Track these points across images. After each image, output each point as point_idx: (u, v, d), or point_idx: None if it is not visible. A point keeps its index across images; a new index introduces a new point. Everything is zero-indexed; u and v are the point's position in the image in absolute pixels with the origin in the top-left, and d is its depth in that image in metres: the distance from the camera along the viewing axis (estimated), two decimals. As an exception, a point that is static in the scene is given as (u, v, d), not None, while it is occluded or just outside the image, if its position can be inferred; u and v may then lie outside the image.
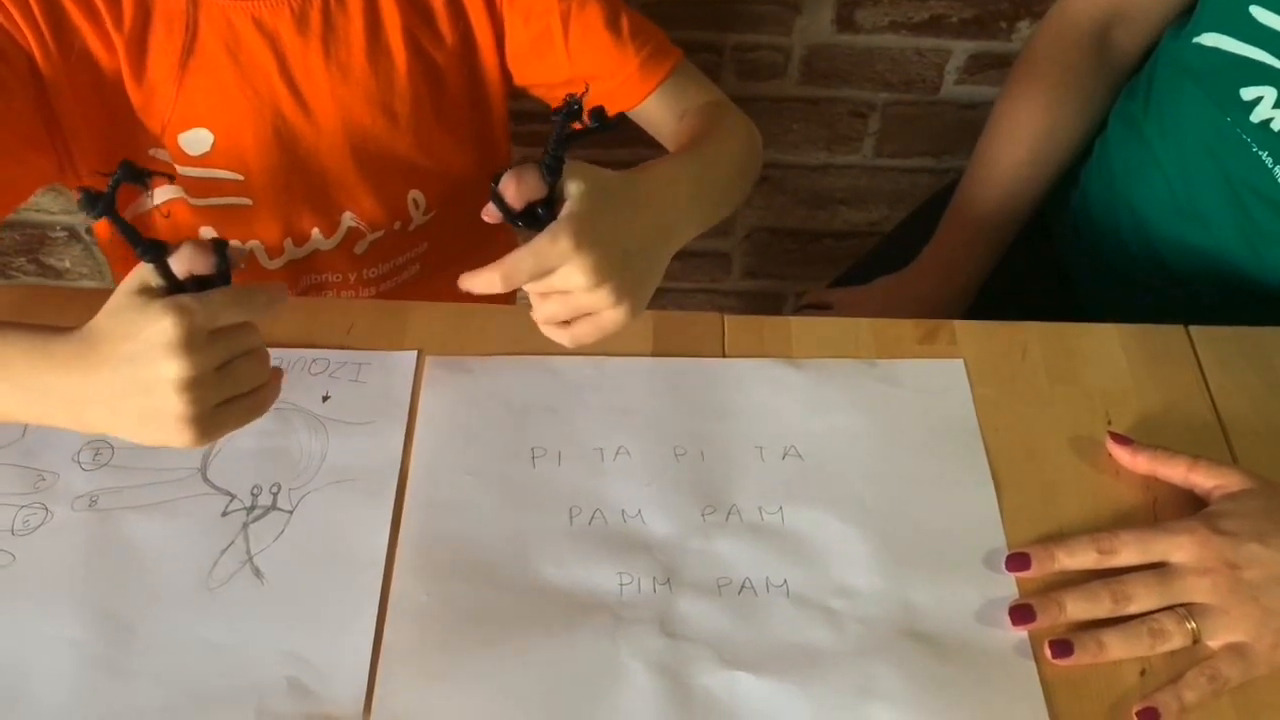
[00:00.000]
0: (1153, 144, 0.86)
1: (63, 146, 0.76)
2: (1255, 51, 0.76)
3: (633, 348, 0.72)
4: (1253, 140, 0.78)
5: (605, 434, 0.68)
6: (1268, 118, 0.76)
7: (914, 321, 0.74)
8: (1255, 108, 0.77)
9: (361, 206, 0.84)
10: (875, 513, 0.64)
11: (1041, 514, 0.64)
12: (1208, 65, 0.80)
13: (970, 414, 0.69)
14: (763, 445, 0.67)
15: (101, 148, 0.77)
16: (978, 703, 0.57)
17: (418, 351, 0.71)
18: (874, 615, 0.60)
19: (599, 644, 0.59)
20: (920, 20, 1.12)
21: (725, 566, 0.62)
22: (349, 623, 0.59)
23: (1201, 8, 0.82)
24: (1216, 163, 0.81)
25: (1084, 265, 0.95)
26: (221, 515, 0.64)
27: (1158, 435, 0.68)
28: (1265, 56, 0.75)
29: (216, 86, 0.76)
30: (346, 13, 0.76)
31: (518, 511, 0.64)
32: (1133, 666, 0.59)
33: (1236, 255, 0.83)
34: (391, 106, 0.80)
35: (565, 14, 0.77)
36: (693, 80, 0.81)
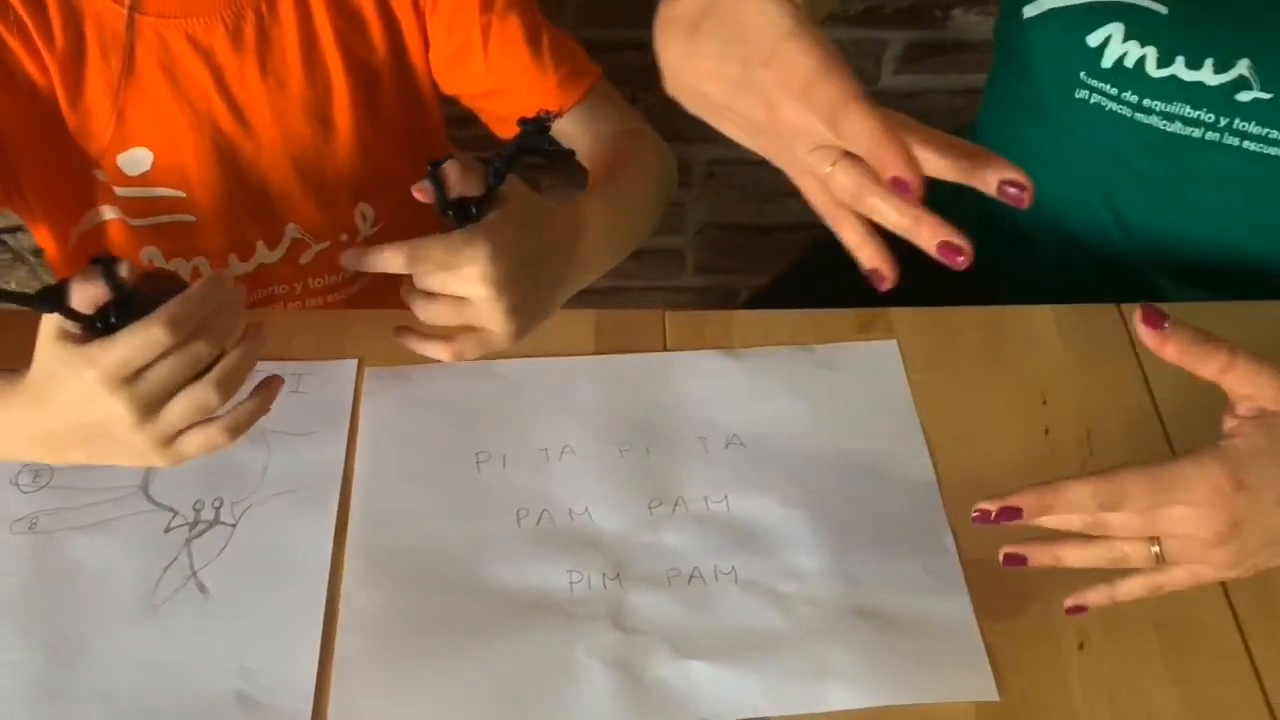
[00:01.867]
0: (1023, 138, 0.88)
1: (8, 172, 0.76)
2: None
3: (575, 347, 0.72)
4: (1110, 89, 0.79)
5: (550, 434, 0.68)
6: (1120, 54, 0.77)
7: (853, 311, 0.75)
8: (1105, 50, 0.78)
9: (305, 218, 0.84)
10: (818, 495, 0.65)
11: (979, 490, 0.65)
12: (1044, 33, 0.81)
13: (906, 394, 0.70)
14: (706, 436, 0.68)
15: (43, 172, 0.77)
16: (926, 673, 0.58)
17: (358, 360, 0.71)
18: (822, 595, 0.61)
19: (552, 643, 0.59)
20: (856, 12, 1.13)
21: (674, 557, 0.63)
22: (296, 634, 0.60)
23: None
24: (1080, 146, 0.83)
25: (996, 267, 0.97)
26: (164, 532, 0.64)
27: (1093, 413, 0.69)
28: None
29: (154, 105, 0.76)
30: (280, 25, 0.76)
31: (464, 516, 0.65)
32: (1073, 638, 0.60)
33: (1116, 234, 0.85)
34: (329, 116, 0.80)
35: (485, 27, 0.78)
36: (610, 102, 0.83)
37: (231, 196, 0.81)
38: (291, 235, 0.85)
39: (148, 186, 0.79)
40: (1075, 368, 0.72)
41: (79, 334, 0.53)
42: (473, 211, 0.58)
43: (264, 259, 0.85)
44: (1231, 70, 0.75)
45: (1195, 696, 0.58)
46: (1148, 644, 0.60)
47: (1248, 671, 0.59)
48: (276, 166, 0.81)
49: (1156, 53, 0.76)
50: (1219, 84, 0.75)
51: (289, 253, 0.86)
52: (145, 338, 0.52)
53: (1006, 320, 0.74)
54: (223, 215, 0.81)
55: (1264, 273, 0.84)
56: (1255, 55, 0.74)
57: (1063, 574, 0.62)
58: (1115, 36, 0.77)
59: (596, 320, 0.74)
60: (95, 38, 0.73)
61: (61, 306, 0.52)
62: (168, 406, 0.54)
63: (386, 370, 0.71)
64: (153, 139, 0.77)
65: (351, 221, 0.86)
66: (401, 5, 0.79)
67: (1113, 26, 0.77)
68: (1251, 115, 0.76)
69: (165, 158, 0.78)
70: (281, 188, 0.82)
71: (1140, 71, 0.77)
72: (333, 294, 0.90)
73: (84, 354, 0.52)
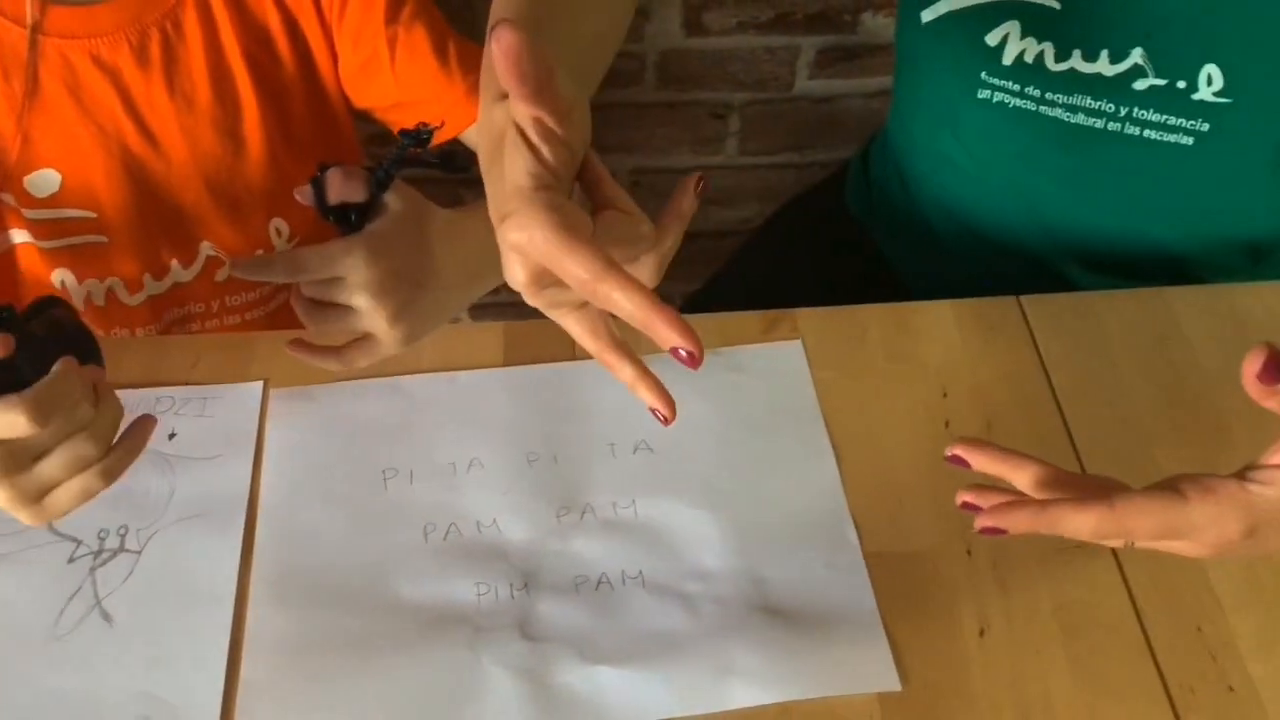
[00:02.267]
0: (930, 140, 0.90)
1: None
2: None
3: (483, 360, 0.73)
4: (1013, 86, 0.81)
5: (457, 448, 0.68)
6: (1019, 50, 0.79)
7: (758, 313, 0.76)
8: (1005, 48, 0.79)
9: (219, 235, 0.84)
10: (724, 495, 0.66)
11: (881, 485, 0.67)
12: (943, 36, 0.83)
13: (810, 393, 0.71)
14: (614, 442, 0.69)
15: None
16: (830, 666, 0.59)
17: (263, 382, 0.71)
18: (728, 594, 0.62)
19: (460, 656, 0.60)
20: (767, 19, 1.15)
21: (582, 565, 0.63)
22: (201, 659, 0.59)
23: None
24: (988, 143, 0.85)
25: (910, 266, 0.98)
26: (68, 562, 0.63)
27: (992, 404, 0.71)
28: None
29: (60, 126, 0.75)
30: (186, 43, 0.76)
31: (372, 534, 0.65)
32: (973, 625, 0.61)
33: (1027, 227, 0.87)
34: (239, 133, 0.80)
35: (391, 38, 0.79)
36: None
37: (143, 216, 0.80)
38: (206, 253, 0.85)
39: (57, 208, 0.78)
40: (975, 360, 0.73)
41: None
42: (352, 218, 0.59)
43: (179, 278, 0.85)
44: (1126, 60, 0.77)
45: (1092, 678, 0.59)
46: (1046, 628, 0.61)
47: (1144, 652, 0.60)
48: (188, 185, 0.81)
49: (1054, 47, 0.78)
50: (1115, 74, 0.77)
51: (204, 271, 0.85)
52: (4, 418, 0.51)
53: (908, 316, 0.76)
54: (135, 235, 0.81)
55: (1170, 258, 0.86)
56: (1147, 44, 0.76)
57: (963, 563, 0.64)
58: (1013, 34, 0.79)
59: (504, 332, 0.75)
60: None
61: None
62: (37, 469, 0.54)
63: (292, 391, 0.71)
64: (60, 160, 0.76)
65: (266, 237, 0.86)
66: (308, 21, 0.79)
67: (1009, 25, 0.79)
68: (1149, 103, 0.78)
69: (74, 179, 0.77)
70: (194, 206, 0.82)
71: (1040, 66, 0.79)
72: (250, 311, 0.90)
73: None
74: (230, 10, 0.77)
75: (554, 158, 0.42)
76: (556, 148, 0.42)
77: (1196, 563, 0.63)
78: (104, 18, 0.74)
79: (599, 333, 0.48)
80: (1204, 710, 0.58)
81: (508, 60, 0.39)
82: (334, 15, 0.79)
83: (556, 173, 0.42)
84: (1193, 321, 0.76)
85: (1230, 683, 0.59)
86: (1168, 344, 0.75)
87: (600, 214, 0.45)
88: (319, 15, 0.79)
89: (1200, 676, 0.59)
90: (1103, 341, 0.75)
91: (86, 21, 0.73)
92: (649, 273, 0.47)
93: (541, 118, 0.41)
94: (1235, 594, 0.62)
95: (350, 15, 0.79)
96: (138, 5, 0.74)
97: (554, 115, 0.41)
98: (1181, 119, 0.78)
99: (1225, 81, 0.75)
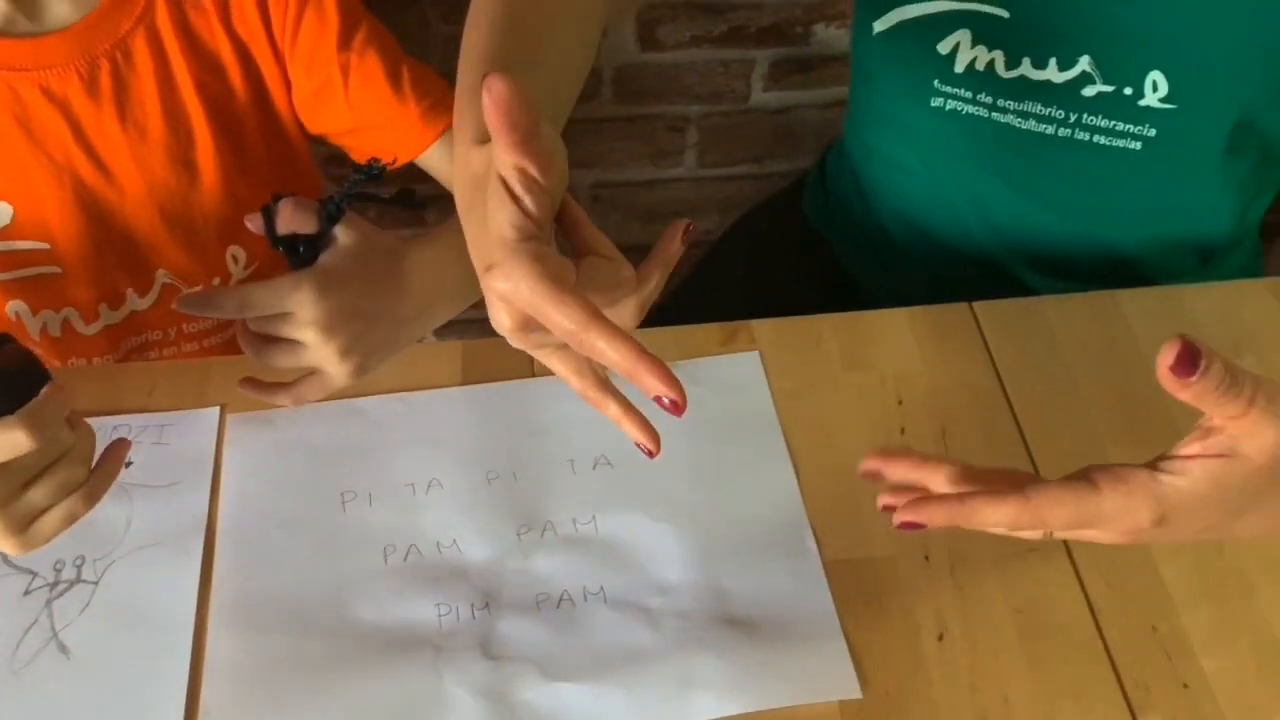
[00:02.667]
0: (885, 148, 0.91)
1: None
2: (936, 6, 0.80)
3: (442, 379, 0.73)
4: (965, 93, 0.82)
5: (416, 469, 0.69)
6: (970, 58, 0.81)
7: (716, 325, 0.77)
8: (956, 56, 0.81)
9: (175, 263, 0.84)
10: (684, 508, 0.67)
11: (839, 493, 0.67)
12: (896, 45, 0.84)
13: (768, 404, 0.72)
14: (574, 458, 0.69)
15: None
16: (791, 676, 0.60)
17: (220, 408, 0.71)
18: (689, 608, 0.62)
19: (421, 677, 0.60)
20: (720, 32, 1.16)
21: (543, 582, 0.64)
22: (160, 688, 0.59)
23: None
24: (941, 150, 0.87)
25: (868, 274, 0.99)
26: (24, 594, 0.63)
27: (947, 409, 0.71)
28: (946, 5, 0.80)
29: (10, 158, 0.75)
30: (137, 73, 0.76)
31: (331, 558, 0.65)
32: (932, 630, 0.62)
33: (981, 232, 0.89)
34: (193, 161, 0.80)
35: (345, 65, 0.79)
36: None
37: (97, 246, 0.80)
38: (162, 281, 0.84)
39: (9, 240, 0.78)
40: (929, 367, 0.74)
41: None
42: (299, 250, 0.59)
43: (135, 306, 0.84)
44: (1074, 67, 0.78)
45: (1050, 679, 0.60)
46: (1004, 631, 0.62)
47: (1100, 653, 0.61)
48: (142, 214, 0.80)
49: (1004, 55, 0.80)
50: (1064, 81, 0.79)
51: (160, 299, 0.85)
52: (6, 438, 0.52)
53: (863, 324, 0.77)
54: (89, 265, 0.81)
55: (1121, 260, 0.88)
56: (1094, 51, 0.77)
57: (922, 568, 0.65)
58: (964, 43, 0.80)
59: (463, 351, 0.75)
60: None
61: None
62: (24, 492, 0.54)
63: (249, 415, 0.71)
64: (11, 193, 0.76)
65: (223, 265, 0.86)
66: (260, 49, 0.79)
67: (960, 34, 0.80)
68: (1097, 109, 0.79)
69: (26, 211, 0.77)
70: (149, 235, 0.81)
71: (991, 74, 0.81)
72: (208, 338, 0.90)
73: None
74: (180, 39, 0.77)
75: (536, 207, 0.42)
76: (539, 196, 0.42)
77: (1150, 563, 0.64)
78: (52, 49, 0.74)
79: (583, 372, 0.49)
80: (1159, 708, 0.59)
81: (499, 110, 0.40)
82: (286, 43, 0.79)
83: (539, 222, 0.43)
84: (1142, 323, 0.77)
85: (1185, 679, 0.60)
86: (1118, 345, 0.76)
87: (582, 260, 0.46)
88: (271, 43, 0.79)
89: (1155, 674, 0.60)
90: (1054, 344, 0.76)
91: (34, 54, 0.73)
92: (629, 315, 0.48)
93: (525, 167, 0.42)
94: (1188, 593, 0.63)
95: (302, 42, 0.79)
96: (87, 36, 0.74)
97: (537, 164, 0.42)
98: (1129, 124, 0.79)
99: (1170, 88, 0.76)
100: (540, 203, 0.43)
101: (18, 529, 0.55)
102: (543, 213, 0.43)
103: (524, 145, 0.41)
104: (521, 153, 0.41)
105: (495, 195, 0.43)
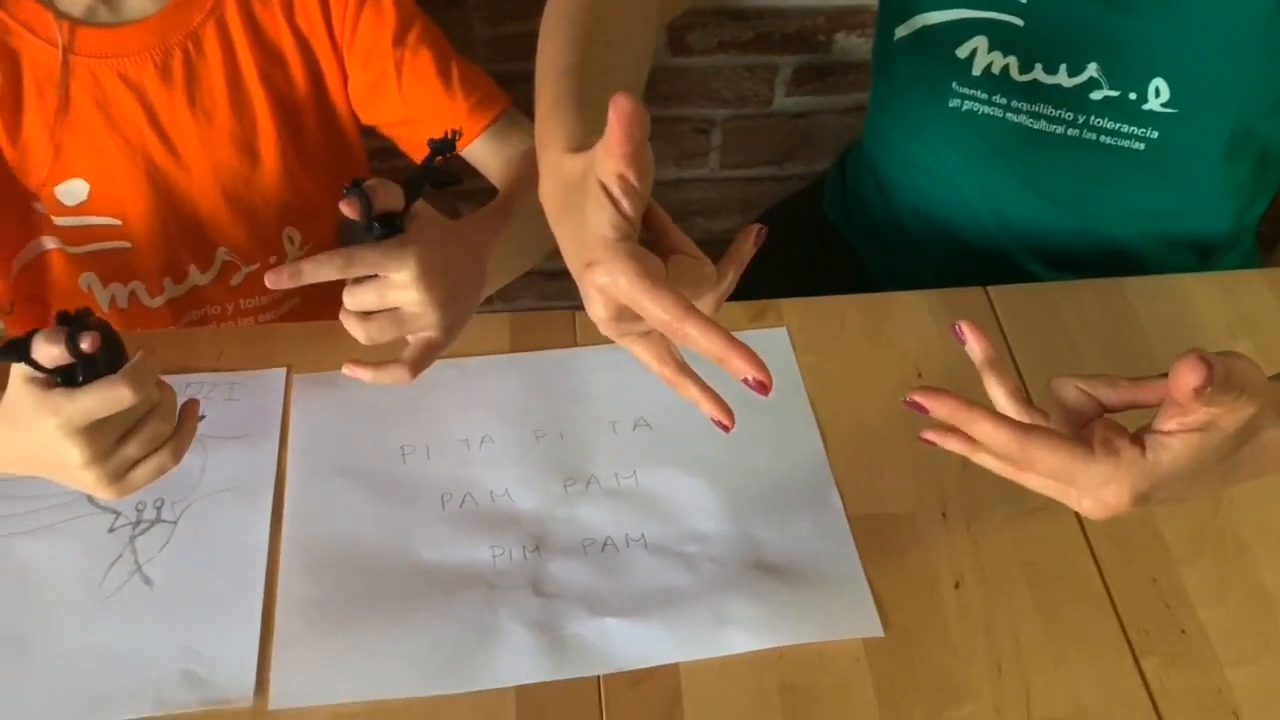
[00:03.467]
0: (903, 148, 0.96)
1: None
2: (955, 13, 0.86)
3: (491, 348, 0.78)
4: (981, 94, 0.88)
5: (470, 426, 0.74)
6: (987, 62, 0.86)
7: (745, 304, 0.82)
8: (974, 60, 0.87)
9: (234, 242, 0.89)
10: (718, 467, 0.71)
11: (862, 455, 0.72)
12: (917, 49, 0.90)
13: (795, 374, 0.77)
14: (615, 420, 0.74)
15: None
16: (818, 615, 0.64)
17: (286, 369, 0.76)
18: (723, 554, 0.67)
19: (478, 610, 0.64)
20: (746, 39, 1.21)
21: (588, 529, 0.68)
22: (237, 617, 0.64)
23: (888, 3, 0.91)
24: (957, 149, 0.92)
25: (883, 264, 1.05)
26: (108, 531, 0.68)
27: (963, 384, 0.75)
28: (966, 13, 0.85)
29: (89, 139, 0.80)
30: (206, 62, 0.82)
31: (392, 504, 0.69)
32: (949, 578, 0.67)
33: (992, 226, 0.94)
34: (255, 147, 0.86)
35: (399, 61, 0.84)
36: (520, 127, 0.88)
37: (164, 223, 0.85)
38: (222, 258, 0.90)
39: (84, 216, 0.83)
40: (946, 345, 0.78)
41: (45, 380, 0.57)
42: (397, 223, 0.63)
43: (196, 281, 0.90)
44: (1083, 73, 0.84)
45: (1059, 624, 0.65)
46: (1016, 580, 0.67)
47: (1104, 602, 0.66)
48: (206, 194, 0.86)
49: (1018, 61, 0.85)
50: (1073, 85, 0.84)
51: (220, 275, 0.90)
52: (112, 394, 0.56)
53: (884, 305, 0.82)
54: (156, 241, 0.86)
55: (1124, 255, 0.93)
56: (1101, 59, 0.83)
57: (939, 523, 0.70)
58: (981, 48, 0.86)
59: (511, 322, 0.80)
60: (32, 77, 0.77)
61: (24, 358, 0.56)
62: (120, 444, 0.58)
63: (314, 377, 0.76)
64: (88, 170, 0.82)
65: (280, 244, 0.91)
66: (320, 43, 0.85)
67: (978, 39, 0.86)
68: (1104, 113, 0.85)
69: (101, 188, 0.83)
70: (212, 214, 0.87)
71: (1006, 77, 0.86)
72: (263, 314, 0.95)
73: (49, 402, 0.56)
74: (247, 32, 0.82)
75: (633, 210, 0.47)
76: (635, 200, 0.47)
77: (1151, 522, 0.69)
78: (131, 39, 0.79)
79: (665, 359, 0.53)
80: (1159, 651, 0.64)
81: (622, 125, 0.44)
82: (345, 38, 0.85)
83: (635, 224, 0.47)
84: (1146, 308, 0.82)
85: (1183, 626, 0.65)
86: (1122, 329, 0.81)
87: (671, 258, 0.50)
88: (330, 38, 0.85)
89: (1155, 621, 0.65)
90: (1062, 326, 0.81)
91: (115, 43, 0.79)
92: (709, 307, 0.53)
93: (626, 175, 0.46)
94: (1186, 549, 0.68)
95: (360, 38, 0.84)
96: (162, 27, 0.80)
97: (638, 173, 0.46)
98: (1134, 127, 0.85)
99: (1171, 94, 0.82)
100: (635, 206, 0.47)
101: (114, 478, 0.59)
102: (637, 215, 0.47)
103: (634, 157, 0.45)
104: (629, 163, 0.45)
105: (595, 199, 0.46)
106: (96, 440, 0.57)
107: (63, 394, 0.56)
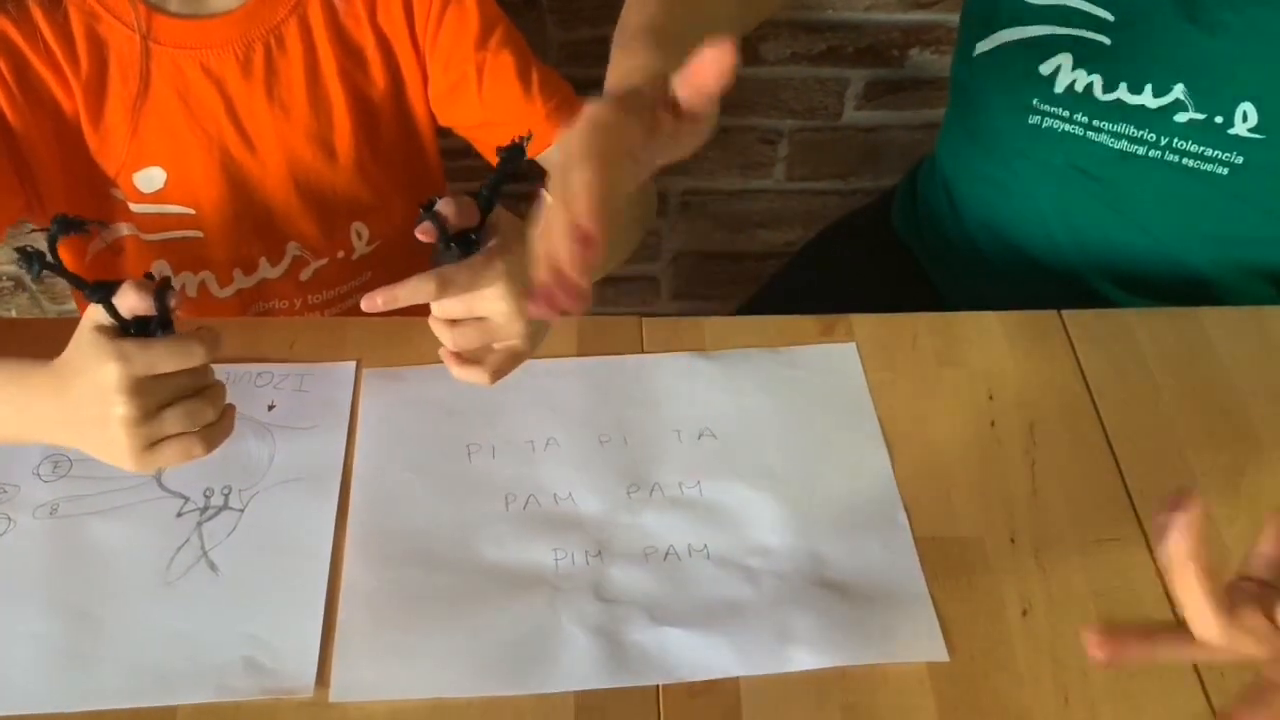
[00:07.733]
0: (979, 164, 0.95)
1: (31, 188, 0.82)
2: (1040, 30, 0.85)
3: (559, 352, 0.78)
4: (1063, 112, 0.87)
5: (535, 427, 0.74)
6: (1070, 80, 0.85)
7: (816, 317, 0.81)
8: (1057, 78, 0.86)
9: (305, 236, 0.90)
10: (784, 480, 0.71)
11: (930, 475, 0.71)
12: (998, 65, 0.89)
13: (864, 390, 0.76)
14: (680, 428, 0.74)
15: (64, 188, 0.82)
16: (883, 637, 0.63)
17: (356, 362, 0.77)
18: (787, 569, 0.66)
19: (540, 612, 0.64)
20: (819, 51, 1.21)
21: (651, 537, 0.68)
22: (300, 607, 0.64)
23: (971, 18, 0.91)
24: (1035, 166, 0.90)
25: (953, 282, 1.03)
26: (176, 516, 0.68)
27: (1035, 407, 0.75)
28: (1050, 29, 0.84)
29: (168, 128, 0.82)
30: (287, 56, 0.83)
31: (457, 501, 0.70)
32: (1016, 606, 0.65)
33: (1067, 246, 0.92)
34: (330, 143, 0.86)
35: (480, 64, 0.84)
36: None
37: (237, 214, 0.86)
38: (293, 253, 0.91)
39: (160, 204, 0.85)
40: (1019, 367, 0.78)
41: (114, 330, 0.57)
42: (474, 239, 0.63)
43: (266, 274, 0.91)
44: (1169, 95, 0.82)
45: (1128, 658, 0.63)
46: (1085, 610, 0.65)
47: (1176, 636, 0.64)
48: (280, 188, 0.87)
49: (1102, 79, 0.84)
50: (1158, 107, 0.83)
51: (290, 269, 0.91)
52: (183, 349, 0.57)
53: (956, 324, 0.81)
54: (229, 232, 0.87)
55: (1200, 282, 0.91)
56: (1188, 81, 0.81)
57: (1008, 549, 0.68)
58: (1065, 66, 0.85)
59: (578, 327, 0.80)
60: (117, 64, 0.79)
61: (106, 300, 0.57)
62: (164, 413, 0.58)
63: (384, 371, 0.76)
64: (166, 159, 0.83)
65: (348, 239, 0.92)
66: (401, 44, 0.85)
67: (1062, 57, 0.85)
68: (1189, 135, 0.83)
69: (177, 177, 0.84)
70: (284, 207, 0.88)
71: (1089, 96, 0.85)
72: (328, 309, 0.96)
73: (118, 347, 0.56)
74: (330, 30, 0.83)
75: None
76: None
77: (1228, 559, 0.67)
78: (214, 31, 0.80)
79: None
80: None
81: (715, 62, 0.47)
82: (427, 40, 0.85)
83: None
84: (1224, 339, 0.80)
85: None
86: (1199, 359, 0.79)
87: None
88: (412, 39, 0.85)
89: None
90: (1138, 353, 0.79)
91: (198, 34, 0.80)
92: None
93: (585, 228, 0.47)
94: (1264, 586, 0.66)
95: (443, 40, 0.85)
96: (245, 21, 0.81)
97: None
98: (1218, 151, 0.83)
99: (1259, 119, 0.80)
100: None
101: (145, 445, 0.58)
102: None
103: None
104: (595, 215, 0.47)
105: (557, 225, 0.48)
106: (145, 399, 0.57)
107: (134, 341, 0.56)
